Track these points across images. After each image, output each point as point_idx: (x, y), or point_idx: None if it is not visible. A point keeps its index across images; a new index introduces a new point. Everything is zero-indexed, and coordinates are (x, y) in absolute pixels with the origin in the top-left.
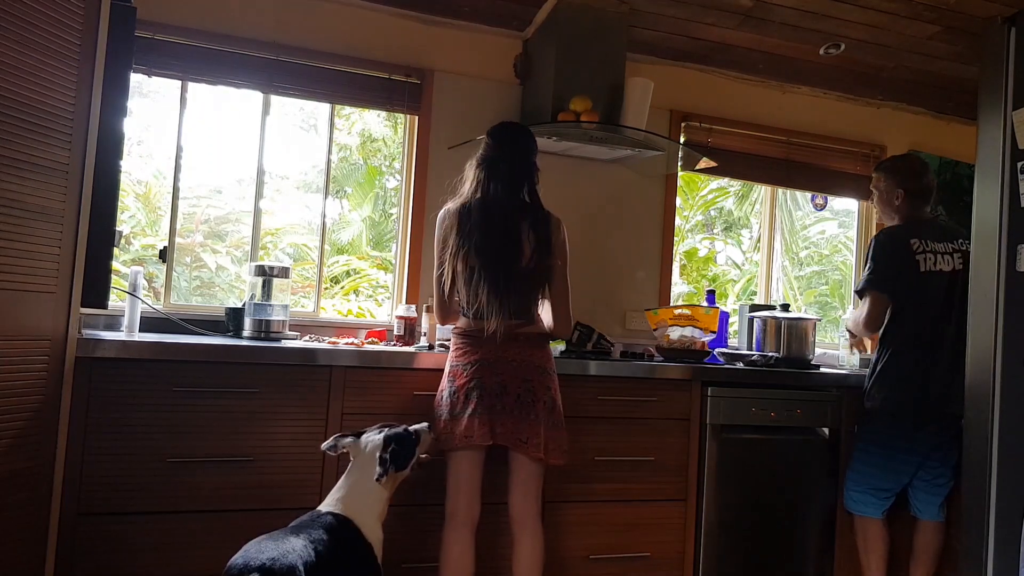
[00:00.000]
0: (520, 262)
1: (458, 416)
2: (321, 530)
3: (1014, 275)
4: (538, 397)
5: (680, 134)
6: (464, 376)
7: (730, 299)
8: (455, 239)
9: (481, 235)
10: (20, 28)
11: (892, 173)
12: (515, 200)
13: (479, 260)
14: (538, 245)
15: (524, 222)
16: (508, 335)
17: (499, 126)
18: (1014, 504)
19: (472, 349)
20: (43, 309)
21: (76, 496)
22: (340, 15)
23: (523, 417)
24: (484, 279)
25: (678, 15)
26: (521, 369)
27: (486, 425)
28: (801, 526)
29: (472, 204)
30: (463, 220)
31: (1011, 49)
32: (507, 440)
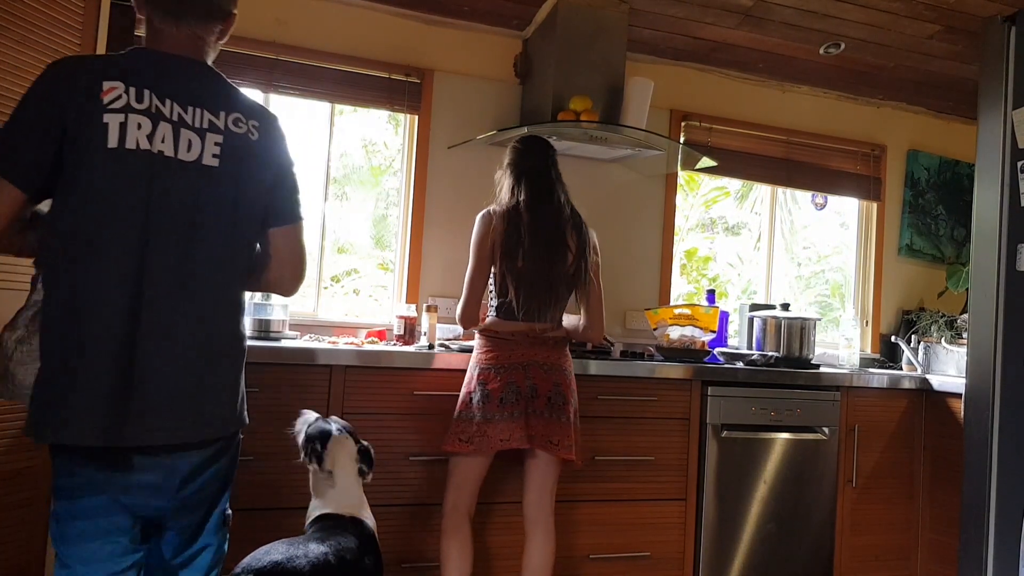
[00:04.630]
0: (565, 268)
1: (492, 419)
2: (351, 537)
3: (1014, 275)
4: (568, 400)
5: (680, 134)
6: (497, 380)
7: (730, 299)
8: (504, 242)
9: (532, 239)
10: (20, 28)
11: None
12: (560, 206)
13: (531, 263)
14: (579, 251)
15: (568, 227)
16: (539, 339)
17: (529, 138)
18: (1014, 504)
19: (503, 352)
20: None
21: None
22: (340, 15)
23: (554, 419)
24: (535, 282)
25: (678, 15)
26: (552, 373)
27: (522, 429)
28: (801, 526)
29: (521, 208)
30: (513, 223)
31: (1011, 49)
32: (540, 443)
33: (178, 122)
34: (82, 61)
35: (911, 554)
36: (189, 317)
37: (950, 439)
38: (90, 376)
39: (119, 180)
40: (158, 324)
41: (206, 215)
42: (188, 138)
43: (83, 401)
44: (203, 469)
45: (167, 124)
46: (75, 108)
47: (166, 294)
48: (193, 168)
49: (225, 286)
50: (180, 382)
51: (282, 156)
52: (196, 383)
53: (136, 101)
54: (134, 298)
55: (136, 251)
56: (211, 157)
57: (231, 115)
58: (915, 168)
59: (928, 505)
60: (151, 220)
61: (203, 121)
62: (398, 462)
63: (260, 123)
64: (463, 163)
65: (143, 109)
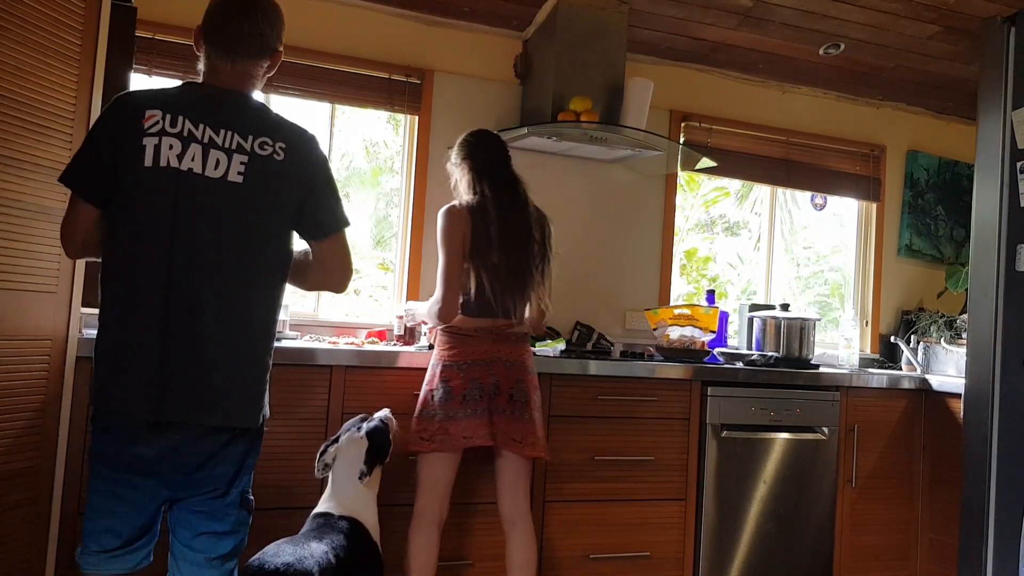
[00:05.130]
0: (534, 260)
1: (454, 417)
2: (340, 535)
3: (1014, 275)
4: (530, 397)
5: (680, 134)
6: (460, 377)
7: (730, 299)
8: (474, 238)
9: (503, 234)
10: (20, 28)
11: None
12: (524, 200)
13: (503, 258)
14: (542, 243)
15: (532, 221)
16: (502, 335)
17: (479, 132)
18: (1014, 504)
19: (466, 349)
20: (44, 309)
21: (76, 496)
22: (340, 15)
23: (517, 417)
24: (508, 277)
25: (678, 15)
26: (514, 369)
27: (486, 426)
28: (801, 526)
29: (488, 203)
30: (481, 219)
31: (1011, 49)
32: (503, 440)
33: (208, 143)
34: (134, 95)
35: (911, 554)
36: (211, 317)
37: (950, 439)
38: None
39: (152, 193)
40: (185, 324)
41: (230, 225)
42: (216, 157)
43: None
44: (220, 452)
45: (197, 145)
46: (124, 135)
47: (192, 295)
48: (219, 183)
49: (247, 288)
50: (204, 376)
51: (311, 173)
52: (220, 377)
53: (170, 126)
54: (166, 298)
55: (166, 257)
56: (236, 175)
57: (259, 139)
58: (915, 168)
59: (928, 505)
60: (178, 230)
61: (232, 143)
62: (398, 462)
63: (287, 145)
64: None
65: (176, 132)
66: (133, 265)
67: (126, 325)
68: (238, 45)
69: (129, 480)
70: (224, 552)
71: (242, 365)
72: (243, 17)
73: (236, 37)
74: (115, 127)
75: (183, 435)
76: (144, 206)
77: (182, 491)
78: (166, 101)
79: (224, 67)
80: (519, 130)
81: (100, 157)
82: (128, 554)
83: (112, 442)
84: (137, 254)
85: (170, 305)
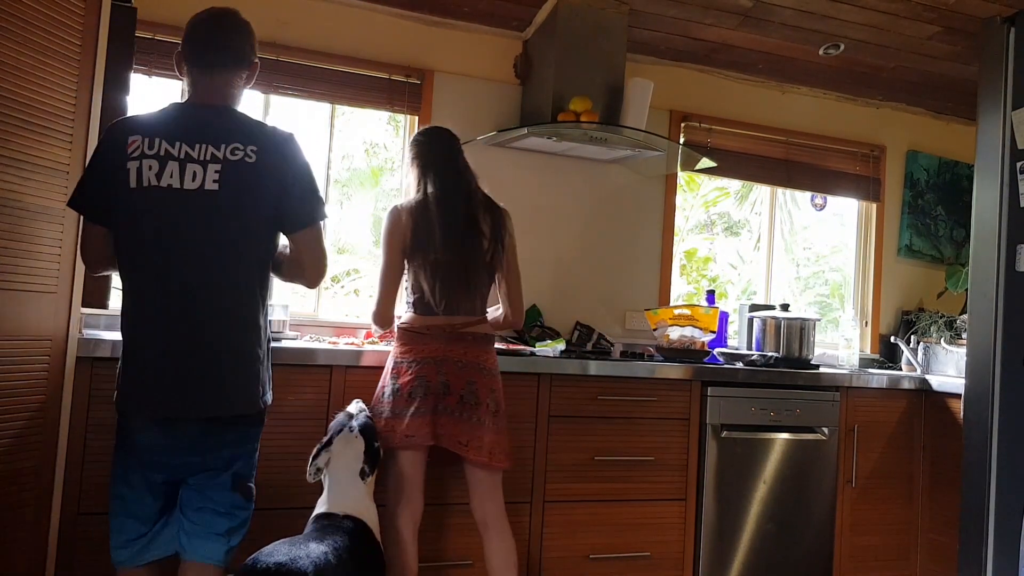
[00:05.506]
0: (481, 255)
1: (400, 415)
2: (345, 535)
3: (1014, 275)
4: (482, 399)
5: (680, 134)
6: (409, 374)
7: (730, 299)
8: (415, 236)
9: (444, 229)
10: (20, 28)
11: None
12: (470, 192)
13: (445, 254)
14: (493, 238)
15: (480, 212)
16: (456, 334)
17: (429, 128)
18: (1014, 504)
19: (418, 346)
20: (44, 309)
21: (76, 496)
22: (340, 15)
23: (465, 419)
24: (450, 273)
25: (678, 15)
26: (466, 370)
27: (428, 426)
28: (801, 526)
29: (430, 200)
30: (423, 216)
31: (1010, 49)
32: (448, 442)
33: (184, 159)
34: (123, 122)
35: (910, 554)
36: (204, 317)
37: (949, 439)
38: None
39: (140, 212)
40: (182, 325)
41: (212, 230)
42: (193, 170)
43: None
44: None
45: (175, 162)
46: (113, 161)
47: (186, 299)
48: (196, 194)
49: (234, 287)
50: (201, 371)
51: (285, 170)
52: (215, 371)
53: (148, 148)
54: (164, 304)
55: (161, 267)
56: (211, 183)
57: (230, 145)
58: (914, 169)
59: (927, 505)
60: (165, 242)
61: (206, 154)
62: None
63: (259, 147)
64: None
65: (153, 154)
66: (135, 276)
67: (135, 331)
68: (214, 58)
69: (142, 473)
70: (223, 530)
71: (234, 357)
72: (217, 32)
73: (212, 51)
74: (106, 154)
75: (187, 427)
76: (135, 223)
77: (186, 474)
78: (148, 126)
79: (203, 81)
80: (519, 130)
81: (95, 182)
82: (153, 540)
83: (127, 438)
84: (136, 266)
85: (169, 310)
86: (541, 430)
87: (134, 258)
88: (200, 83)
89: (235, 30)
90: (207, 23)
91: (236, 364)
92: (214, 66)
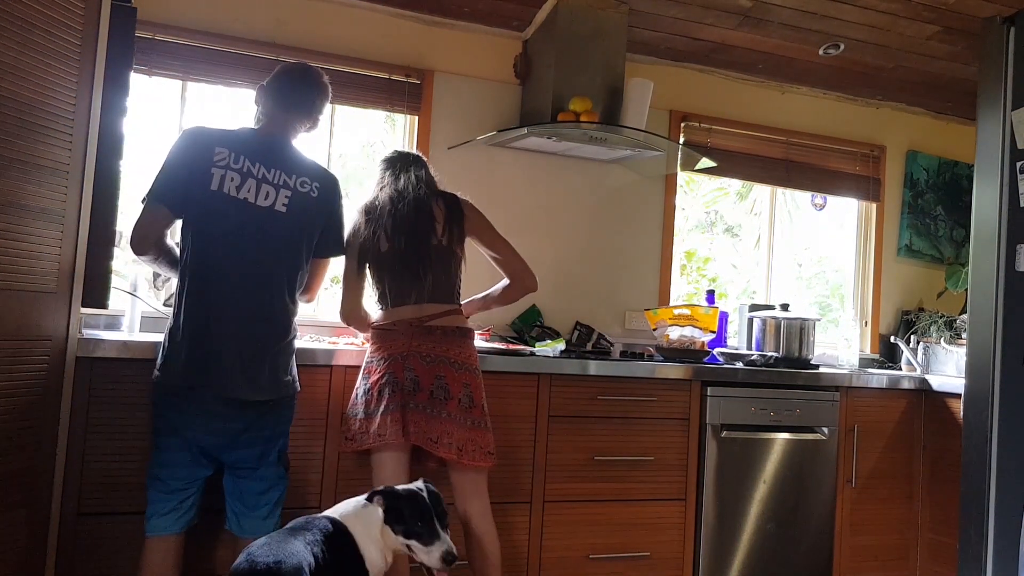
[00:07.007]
0: (434, 238)
1: (372, 414)
2: (317, 532)
3: (1014, 275)
4: (452, 394)
5: (680, 134)
6: (377, 372)
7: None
8: (365, 232)
9: (392, 216)
10: (20, 29)
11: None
12: (418, 182)
13: (394, 240)
14: (450, 216)
15: (433, 200)
16: (422, 328)
17: (396, 151)
18: (1014, 504)
19: (386, 343)
20: (43, 309)
21: (76, 496)
22: (340, 15)
23: (434, 415)
24: (397, 262)
25: (678, 15)
26: (435, 364)
27: (399, 423)
28: (801, 526)
29: (380, 197)
30: (373, 213)
31: (1010, 49)
32: (419, 439)
33: (261, 179)
34: (206, 131)
35: (910, 554)
36: (262, 314)
37: (949, 439)
38: (208, 350)
39: (213, 212)
40: (245, 319)
41: (273, 243)
42: (266, 190)
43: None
44: (271, 417)
45: (253, 180)
46: (198, 161)
47: (246, 297)
48: (267, 211)
49: (279, 292)
50: (259, 359)
51: (332, 209)
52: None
53: (233, 162)
54: (227, 292)
55: (226, 265)
56: (281, 205)
57: (300, 178)
58: (914, 169)
59: (927, 505)
60: (231, 242)
61: (279, 180)
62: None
63: (320, 185)
64: (463, 164)
65: (237, 168)
66: (200, 268)
67: (196, 319)
68: (296, 105)
69: (188, 449)
70: (273, 501)
71: (280, 349)
72: (303, 86)
73: (296, 99)
74: (194, 155)
75: (247, 409)
76: (208, 221)
77: (233, 449)
78: (232, 142)
79: (280, 118)
80: (519, 130)
81: (182, 173)
82: (189, 509)
83: (178, 414)
84: (204, 259)
85: (238, 303)
86: (541, 430)
87: (204, 251)
88: (277, 119)
89: (318, 89)
90: (299, 75)
91: (281, 355)
92: (292, 110)
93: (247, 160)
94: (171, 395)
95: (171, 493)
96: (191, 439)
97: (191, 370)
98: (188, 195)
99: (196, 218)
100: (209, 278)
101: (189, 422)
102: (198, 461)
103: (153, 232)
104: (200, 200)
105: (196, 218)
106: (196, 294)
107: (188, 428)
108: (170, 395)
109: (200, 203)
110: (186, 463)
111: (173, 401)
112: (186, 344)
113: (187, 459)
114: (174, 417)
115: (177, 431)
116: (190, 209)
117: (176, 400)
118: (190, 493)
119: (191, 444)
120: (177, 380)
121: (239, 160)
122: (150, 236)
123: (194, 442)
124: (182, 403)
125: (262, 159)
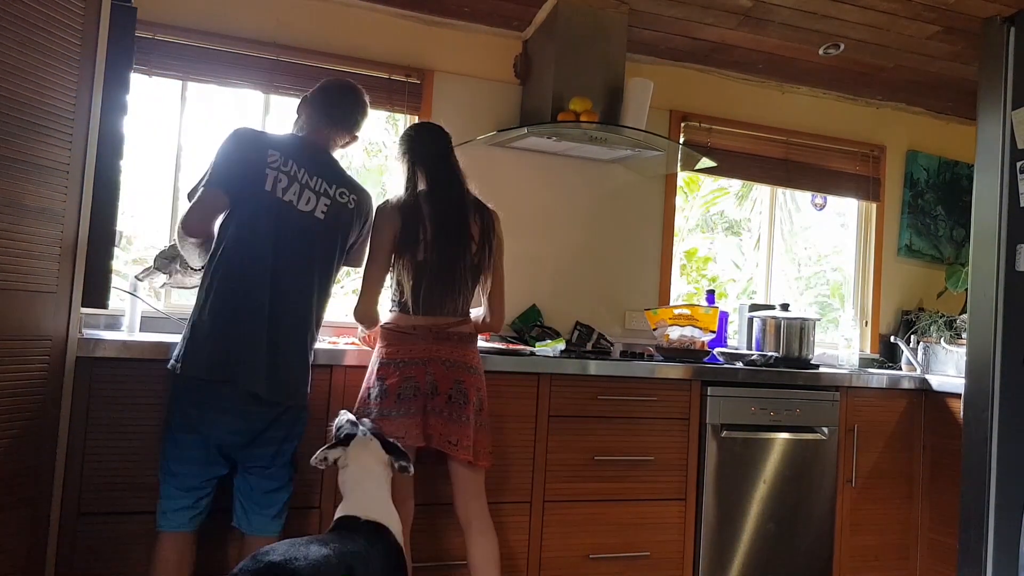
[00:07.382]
0: (469, 256)
1: (389, 416)
2: (362, 539)
3: (1014, 275)
4: (469, 399)
5: (680, 134)
6: (396, 375)
7: (730, 299)
8: (403, 234)
9: (435, 229)
10: (20, 29)
11: None
12: (462, 192)
13: (432, 255)
14: (483, 240)
15: (471, 214)
16: (442, 333)
17: (421, 124)
18: (1013, 503)
19: (404, 347)
20: (43, 309)
21: (76, 496)
22: (340, 15)
23: (454, 419)
24: (435, 275)
25: (678, 15)
26: (453, 369)
27: (419, 427)
28: (801, 526)
29: (420, 198)
30: (412, 214)
31: (1010, 49)
32: (438, 442)
33: (304, 184)
34: (259, 134)
35: (910, 554)
36: (293, 318)
37: (949, 439)
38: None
39: (261, 210)
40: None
41: (311, 246)
42: (308, 196)
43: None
44: (287, 419)
45: (298, 184)
46: (253, 160)
47: (278, 292)
48: (308, 216)
49: (309, 295)
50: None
51: (365, 221)
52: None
53: (283, 165)
54: (268, 289)
55: (269, 258)
56: (320, 212)
57: (339, 188)
58: (914, 168)
59: (927, 505)
60: (277, 241)
61: (321, 187)
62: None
63: (357, 198)
64: (463, 164)
65: (287, 171)
66: (239, 263)
67: (226, 311)
68: (339, 119)
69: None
70: (283, 502)
71: (305, 354)
72: (346, 101)
73: (339, 113)
74: (252, 155)
75: (268, 409)
76: (255, 218)
77: (248, 449)
78: (282, 147)
79: (324, 130)
80: (519, 130)
81: (241, 168)
82: (197, 506)
83: (195, 406)
84: (247, 254)
85: (272, 304)
86: (541, 430)
87: (244, 247)
88: (321, 130)
89: (360, 105)
90: (344, 91)
91: (305, 361)
92: (335, 124)
93: (295, 164)
94: (192, 389)
95: (188, 491)
96: (209, 437)
97: (217, 364)
98: (243, 190)
99: (243, 214)
100: (245, 275)
101: (211, 420)
102: (214, 460)
103: (213, 215)
104: (252, 197)
105: (243, 214)
106: (227, 290)
107: (209, 426)
108: (191, 388)
109: (251, 200)
110: (202, 461)
111: (194, 396)
112: (212, 338)
113: (203, 457)
114: (193, 413)
115: (196, 429)
116: (240, 204)
117: (197, 395)
118: (206, 492)
119: (209, 442)
120: (201, 373)
121: (288, 164)
122: (210, 218)
123: (212, 440)
124: (204, 398)
125: (307, 165)
